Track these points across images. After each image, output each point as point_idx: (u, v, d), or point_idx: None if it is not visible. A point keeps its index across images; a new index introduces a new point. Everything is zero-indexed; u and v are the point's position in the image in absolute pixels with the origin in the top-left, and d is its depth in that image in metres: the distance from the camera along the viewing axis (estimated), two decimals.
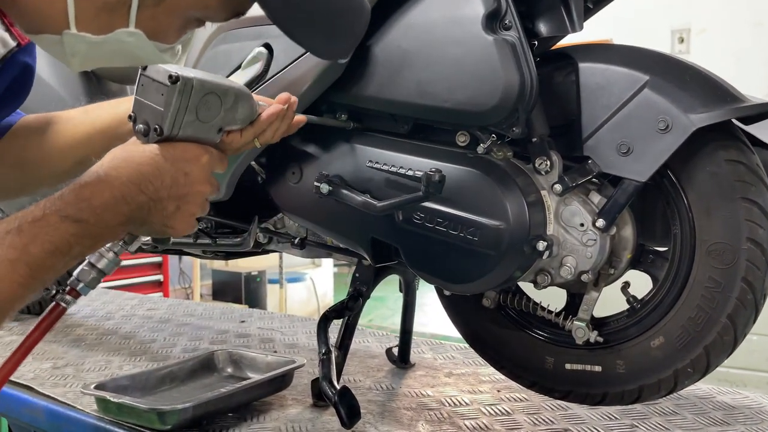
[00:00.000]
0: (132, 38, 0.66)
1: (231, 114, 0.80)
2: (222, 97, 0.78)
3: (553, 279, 1.03)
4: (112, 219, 0.72)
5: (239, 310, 2.24)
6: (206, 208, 0.80)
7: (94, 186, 0.72)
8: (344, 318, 1.24)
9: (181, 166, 0.76)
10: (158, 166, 0.74)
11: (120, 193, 0.72)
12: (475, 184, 0.96)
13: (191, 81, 0.74)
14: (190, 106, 0.75)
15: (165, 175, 0.74)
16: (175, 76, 0.73)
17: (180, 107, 0.74)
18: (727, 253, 0.95)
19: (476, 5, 0.93)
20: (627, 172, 0.97)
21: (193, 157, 0.77)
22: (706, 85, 0.95)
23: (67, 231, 0.68)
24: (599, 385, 1.06)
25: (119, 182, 0.72)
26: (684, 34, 4.02)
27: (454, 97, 0.96)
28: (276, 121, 0.88)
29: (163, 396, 1.27)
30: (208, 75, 0.79)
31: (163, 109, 0.74)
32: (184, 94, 0.74)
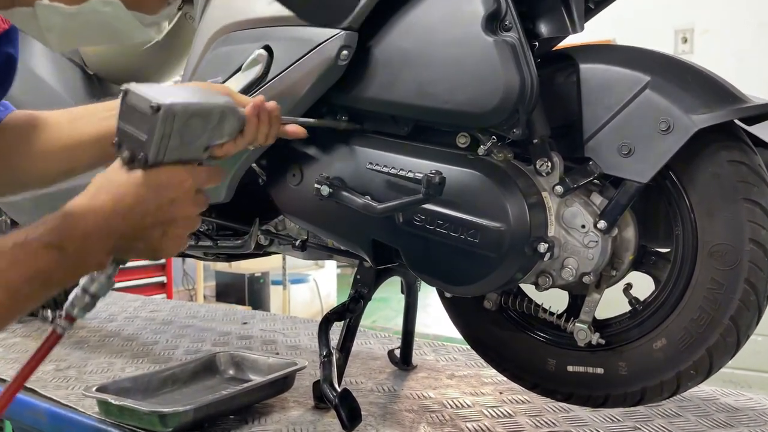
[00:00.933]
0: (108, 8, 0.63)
1: (217, 131, 0.79)
2: (206, 118, 0.77)
3: (554, 281, 1.03)
4: (95, 248, 0.71)
5: (242, 312, 2.24)
6: (196, 225, 0.79)
7: (77, 215, 0.70)
8: (346, 320, 1.24)
9: (166, 193, 0.74)
10: (142, 196, 0.73)
11: (104, 223, 0.71)
12: (476, 186, 0.96)
13: (173, 108, 0.72)
14: (174, 132, 0.73)
15: (149, 203, 0.73)
16: (156, 106, 0.71)
17: (164, 135, 0.73)
18: (729, 254, 0.94)
19: (476, 6, 0.93)
20: (628, 173, 0.96)
21: (178, 183, 0.75)
22: (707, 85, 0.95)
23: (48, 258, 0.67)
24: (601, 387, 1.06)
25: (102, 212, 0.71)
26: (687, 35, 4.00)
27: (454, 98, 0.95)
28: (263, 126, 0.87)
29: (164, 398, 1.27)
30: (192, 94, 0.77)
31: (146, 139, 0.73)
32: (167, 122, 0.72)
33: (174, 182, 0.75)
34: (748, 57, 3.66)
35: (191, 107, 0.75)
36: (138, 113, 0.72)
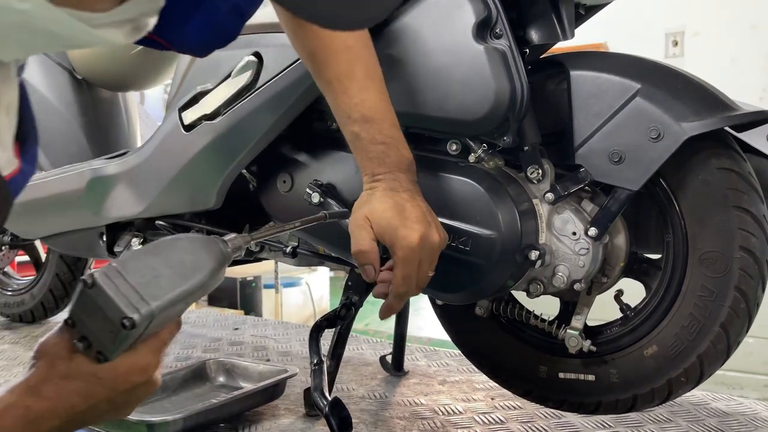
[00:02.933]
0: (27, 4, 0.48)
1: (197, 298, 0.67)
2: (188, 299, 0.65)
3: (545, 288, 1.03)
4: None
5: (233, 317, 2.23)
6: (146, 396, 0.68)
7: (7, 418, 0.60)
8: (337, 327, 1.23)
9: (121, 386, 0.64)
10: (93, 394, 0.63)
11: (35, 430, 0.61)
12: (467, 194, 0.96)
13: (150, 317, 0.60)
14: (145, 332, 0.63)
15: (100, 400, 0.63)
16: (130, 323, 0.59)
17: (134, 341, 0.62)
18: (719, 261, 0.95)
19: (467, 14, 0.93)
20: (619, 181, 0.96)
21: (140, 373, 0.64)
22: (697, 93, 0.95)
23: None
24: (593, 393, 1.06)
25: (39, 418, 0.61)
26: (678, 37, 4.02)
27: (445, 106, 0.95)
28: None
29: (154, 407, 1.25)
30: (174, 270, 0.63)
31: (111, 346, 0.62)
32: (137, 331, 0.61)
33: (134, 374, 0.64)
34: (738, 59, 3.68)
35: (171, 302, 0.62)
36: (102, 315, 0.60)
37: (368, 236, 0.85)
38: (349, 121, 0.89)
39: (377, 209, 0.85)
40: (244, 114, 1.08)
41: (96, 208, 1.39)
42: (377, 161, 0.88)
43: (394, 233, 0.84)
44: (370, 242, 0.85)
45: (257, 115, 1.07)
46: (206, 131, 1.13)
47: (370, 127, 0.88)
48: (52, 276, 1.95)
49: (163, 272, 0.62)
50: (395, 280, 0.86)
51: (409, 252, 0.84)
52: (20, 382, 0.63)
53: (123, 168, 1.32)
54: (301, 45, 0.93)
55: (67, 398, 0.62)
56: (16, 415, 0.60)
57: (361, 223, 0.86)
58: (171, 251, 0.64)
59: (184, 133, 1.17)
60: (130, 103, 1.88)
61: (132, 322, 0.59)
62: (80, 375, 0.62)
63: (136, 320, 0.60)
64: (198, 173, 1.17)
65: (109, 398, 0.64)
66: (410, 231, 0.84)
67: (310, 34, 0.90)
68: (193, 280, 0.64)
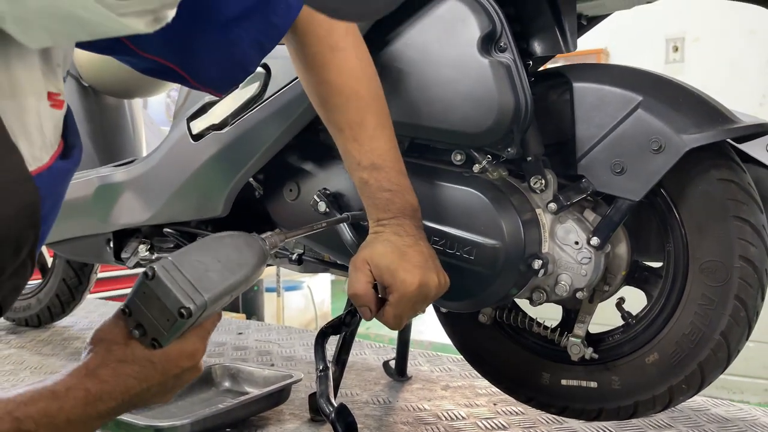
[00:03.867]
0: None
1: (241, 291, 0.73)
2: (234, 292, 0.71)
3: (548, 296, 1.04)
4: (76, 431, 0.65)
5: (236, 322, 2.24)
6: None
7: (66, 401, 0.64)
8: (341, 333, 1.25)
9: (172, 370, 0.69)
10: (147, 377, 0.67)
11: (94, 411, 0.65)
12: (471, 204, 0.97)
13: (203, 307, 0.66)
14: (197, 322, 0.69)
15: (152, 382, 0.68)
16: (187, 313, 0.65)
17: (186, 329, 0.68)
18: (720, 270, 0.96)
19: (472, 27, 0.95)
20: (621, 191, 0.98)
21: (188, 358, 0.70)
22: (698, 105, 0.97)
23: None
24: (595, 400, 1.07)
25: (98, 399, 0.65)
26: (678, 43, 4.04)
27: (450, 118, 0.97)
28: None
29: (160, 411, 1.27)
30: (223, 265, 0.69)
31: (166, 333, 0.67)
32: (191, 320, 0.66)
33: (184, 358, 0.70)
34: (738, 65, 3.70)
35: (220, 294, 0.68)
36: (161, 305, 0.66)
37: (364, 279, 0.87)
38: (358, 168, 0.92)
39: (378, 252, 0.87)
40: (252, 124, 1.10)
41: (103, 215, 1.41)
42: (383, 207, 0.90)
43: (393, 276, 0.85)
44: (365, 285, 0.87)
45: (264, 125, 1.09)
46: (214, 141, 1.15)
47: (379, 174, 0.91)
48: (58, 281, 1.96)
49: (213, 267, 0.68)
50: (386, 317, 0.87)
51: (404, 295, 0.86)
52: (79, 366, 0.67)
53: (131, 176, 1.34)
54: (312, 89, 0.95)
55: (124, 381, 0.66)
56: (76, 397, 0.64)
57: (359, 265, 0.88)
58: (218, 248, 0.71)
59: (192, 142, 1.19)
60: (135, 110, 1.90)
61: (189, 311, 0.65)
62: (136, 359, 0.67)
63: (192, 310, 0.65)
64: (206, 182, 1.19)
65: (161, 381, 0.69)
66: (409, 275, 0.85)
67: (322, 80, 0.93)
68: (239, 275, 0.71)
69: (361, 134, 0.92)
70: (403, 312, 0.87)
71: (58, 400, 0.64)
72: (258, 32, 0.86)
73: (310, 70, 0.94)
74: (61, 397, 0.64)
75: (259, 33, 0.86)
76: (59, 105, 0.67)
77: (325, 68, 0.92)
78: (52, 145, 0.66)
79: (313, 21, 0.91)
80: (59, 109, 0.67)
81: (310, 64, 0.93)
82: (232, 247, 0.72)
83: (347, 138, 0.93)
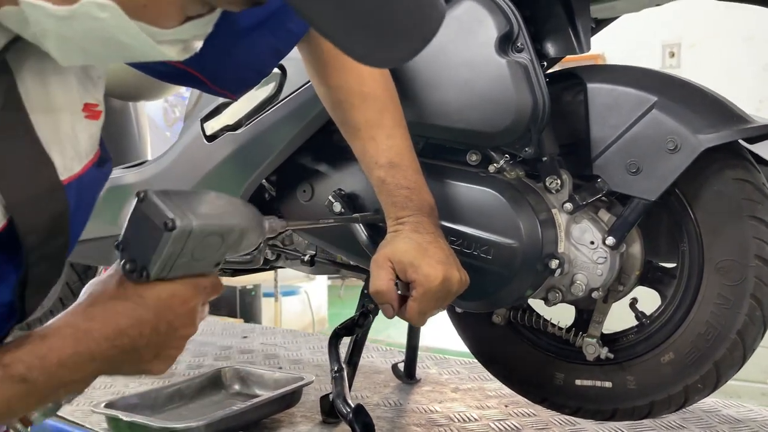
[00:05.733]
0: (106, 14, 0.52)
1: (233, 248, 0.72)
2: (225, 236, 0.69)
3: (564, 296, 1.05)
4: (70, 376, 0.61)
5: (240, 326, 2.24)
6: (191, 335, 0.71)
7: (55, 339, 0.61)
8: (353, 335, 1.24)
9: (165, 313, 0.66)
10: (138, 316, 0.64)
11: (86, 350, 0.62)
12: (489, 204, 0.98)
13: (189, 228, 0.64)
14: (184, 250, 0.66)
15: (145, 325, 0.65)
16: (172, 224, 0.63)
17: (173, 253, 0.65)
18: (735, 270, 0.97)
19: (489, 28, 0.95)
20: (636, 191, 0.99)
21: (181, 303, 0.67)
22: (713, 106, 0.98)
23: (9, 391, 0.58)
24: (609, 400, 1.07)
25: (88, 337, 0.62)
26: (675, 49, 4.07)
27: (467, 118, 0.97)
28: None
29: (171, 414, 1.27)
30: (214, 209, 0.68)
31: (153, 254, 0.65)
32: (178, 242, 0.64)
33: (176, 302, 0.67)
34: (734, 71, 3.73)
35: (209, 227, 0.67)
36: (149, 224, 0.64)
37: (386, 276, 0.87)
38: (376, 167, 0.92)
39: (399, 249, 0.87)
40: (267, 125, 1.10)
41: (112, 218, 1.40)
42: (401, 205, 0.91)
43: (416, 271, 0.86)
44: (387, 282, 0.87)
45: (280, 126, 1.09)
46: (229, 142, 1.15)
47: (396, 172, 0.91)
48: (62, 285, 1.95)
49: (205, 205, 0.68)
50: (409, 313, 0.87)
51: (429, 289, 0.86)
52: (72, 307, 0.65)
53: (142, 177, 1.33)
54: (326, 92, 0.96)
55: (115, 319, 0.63)
56: (65, 335, 0.62)
57: (381, 263, 0.88)
58: (215, 197, 0.70)
59: (206, 143, 1.19)
60: (141, 113, 1.89)
61: (173, 223, 0.63)
62: (127, 296, 0.65)
63: (177, 223, 0.63)
64: (220, 182, 1.19)
65: (154, 326, 0.65)
66: (432, 270, 0.86)
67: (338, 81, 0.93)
68: (231, 222, 0.69)
69: (379, 133, 0.92)
70: (427, 307, 0.87)
71: (46, 341, 0.61)
72: (275, 38, 0.87)
73: (326, 73, 0.94)
74: (50, 337, 0.61)
75: (275, 39, 0.87)
76: (96, 116, 0.67)
77: (342, 70, 0.93)
78: (86, 154, 0.66)
79: None
80: (96, 119, 0.67)
81: (326, 66, 0.94)
82: (227, 200, 0.71)
83: (365, 137, 0.93)
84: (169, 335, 0.67)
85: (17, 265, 0.62)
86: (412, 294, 0.86)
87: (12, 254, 0.62)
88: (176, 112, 4.82)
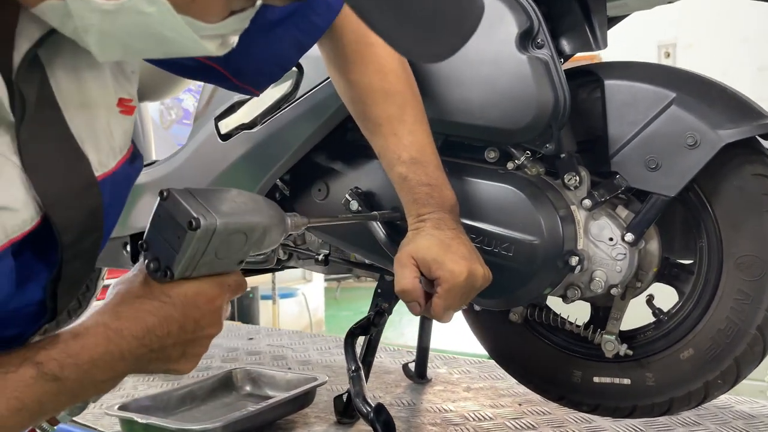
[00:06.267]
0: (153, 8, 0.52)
1: (257, 245, 0.71)
2: (248, 234, 0.69)
3: (582, 293, 1.04)
4: (101, 375, 0.62)
5: (246, 327, 2.23)
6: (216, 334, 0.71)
7: (87, 338, 0.61)
8: (368, 334, 1.24)
9: (191, 312, 0.66)
10: (165, 315, 0.65)
11: (117, 349, 0.62)
12: (510, 201, 0.98)
13: (213, 227, 0.64)
14: (208, 249, 0.66)
15: (172, 324, 0.65)
16: (196, 223, 0.63)
17: (197, 253, 0.65)
18: (755, 265, 0.97)
19: (509, 24, 0.95)
20: (656, 187, 0.98)
21: (206, 301, 0.67)
22: (731, 101, 0.98)
23: (41, 389, 0.58)
24: (628, 398, 1.07)
25: (118, 336, 0.62)
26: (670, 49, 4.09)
27: (488, 114, 0.97)
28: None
29: (184, 416, 1.26)
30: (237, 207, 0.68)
31: (177, 254, 0.65)
32: (202, 241, 0.64)
33: (201, 300, 0.67)
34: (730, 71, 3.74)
35: (233, 225, 0.66)
36: (173, 223, 0.64)
37: (411, 274, 0.86)
38: (398, 162, 0.91)
39: (423, 246, 0.87)
40: (283, 123, 1.10)
41: (122, 218, 1.39)
42: (422, 202, 0.90)
43: (441, 267, 0.85)
44: (413, 280, 0.86)
45: (297, 124, 1.09)
46: (244, 140, 1.14)
47: (418, 168, 0.91)
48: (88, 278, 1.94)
49: (228, 203, 0.67)
50: (435, 309, 0.87)
51: (454, 285, 0.85)
52: (100, 307, 0.65)
53: (152, 177, 1.32)
54: (347, 87, 0.95)
55: (143, 317, 0.64)
56: (96, 334, 0.62)
57: (405, 261, 0.87)
58: (237, 194, 0.70)
59: (220, 142, 1.18)
60: (144, 114, 1.88)
61: (197, 222, 0.63)
62: (154, 296, 0.65)
63: (201, 222, 0.63)
64: (234, 182, 1.18)
65: (181, 325, 0.65)
66: (456, 266, 0.85)
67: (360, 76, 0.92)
68: (255, 219, 0.69)
69: (400, 129, 0.91)
70: (453, 303, 0.86)
71: (78, 339, 0.61)
72: (299, 31, 0.86)
73: (347, 68, 0.93)
74: (82, 336, 0.61)
75: (300, 32, 0.86)
76: (130, 111, 0.67)
77: (364, 65, 0.92)
78: (121, 150, 0.66)
79: (351, 19, 0.90)
80: (130, 114, 0.67)
81: (347, 61, 0.93)
82: (249, 197, 0.71)
83: (386, 133, 0.92)
84: (195, 333, 0.67)
85: (49, 263, 0.62)
86: (437, 291, 0.85)
87: (44, 252, 0.61)
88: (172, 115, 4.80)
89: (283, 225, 0.74)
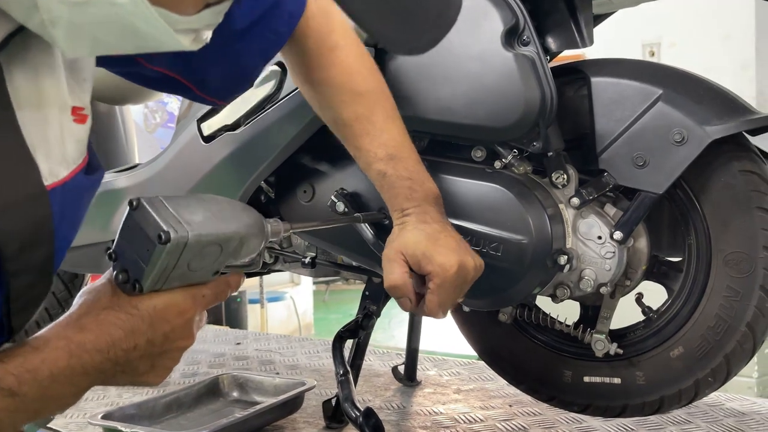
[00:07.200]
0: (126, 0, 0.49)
1: (233, 256, 0.68)
2: (223, 245, 0.66)
3: (572, 292, 1.03)
4: (63, 390, 0.59)
5: (233, 332, 2.21)
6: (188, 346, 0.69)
7: (47, 352, 0.58)
8: (356, 337, 1.22)
9: (160, 325, 0.63)
10: (132, 328, 0.62)
11: (79, 363, 0.59)
12: (497, 200, 0.97)
13: (184, 240, 0.61)
14: (180, 262, 0.63)
15: (139, 337, 0.62)
16: (166, 236, 0.60)
17: (167, 266, 0.62)
18: (744, 262, 0.96)
19: (495, 21, 0.94)
20: (644, 185, 0.98)
21: (177, 314, 0.64)
22: (718, 97, 0.97)
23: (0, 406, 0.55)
24: (619, 397, 1.07)
25: (81, 349, 0.59)
26: (655, 48, 4.11)
27: (475, 113, 0.96)
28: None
29: (170, 424, 1.23)
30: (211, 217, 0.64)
31: (145, 267, 0.62)
32: (172, 255, 0.61)
33: (172, 313, 0.64)
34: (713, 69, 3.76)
35: (205, 238, 0.63)
36: (142, 235, 0.61)
37: (400, 269, 0.85)
38: (375, 160, 0.90)
39: (410, 241, 0.85)
40: (267, 124, 1.08)
41: (104, 223, 1.37)
42: (404, 197, 0.89)
43: (430, 261, 0.84)
44: (402, 275, 0.85)
45: (280, 125, 1.07)
46: (227, 142, 1.12)
47: (396, 164, 0.89)
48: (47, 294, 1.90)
49: (202, 213, 0.64)
50: (429, 306, 0.85)
51: (446, 279, 0.84)
52: (63, 317, 0.62)
53: (134, 181, 1.30)
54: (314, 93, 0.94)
55: (108, 330, 0.61)
56: (58, 347, 0.59)
57: (393, 257, 0.86)
58: (213, 202, 0.67)
59: (203, 144, 1.16)
60: (127, 117, 1.86)
61: (168, 235, 0.60)
62: (121, 307, 0.62)
63: (171, 236, 0.60)
64: (218, 185, 1.16)
65: (149, 339, 0.63)
66: (446, 258, 0.84)
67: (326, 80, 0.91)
68: (229, 229, 0.66)
69: (371, 128, 0.90)
70: (446, 298, 0.85)
71: (38, 353, 0.58)
72: (263, 41, 0.85)
73: (313, 73, 0.92)
74: (41, 349, 0.58)
75: (264, 42, 0.85)
76: (83, 119, 0.64)
77: (329, 68, 0.91)
78: (74, 160, 0.63)
79: (312, 24, 0.90)
80: (82, 123, 0.64)
81: (312, 66, 0.92)
82: (226, 203, 0.68)
83: (358, 133, 0.91)
84: (164, 347, 0.65)
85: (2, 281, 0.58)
86: (429, 286, 0.84)
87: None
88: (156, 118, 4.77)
89: (263, 233, 0.72)
